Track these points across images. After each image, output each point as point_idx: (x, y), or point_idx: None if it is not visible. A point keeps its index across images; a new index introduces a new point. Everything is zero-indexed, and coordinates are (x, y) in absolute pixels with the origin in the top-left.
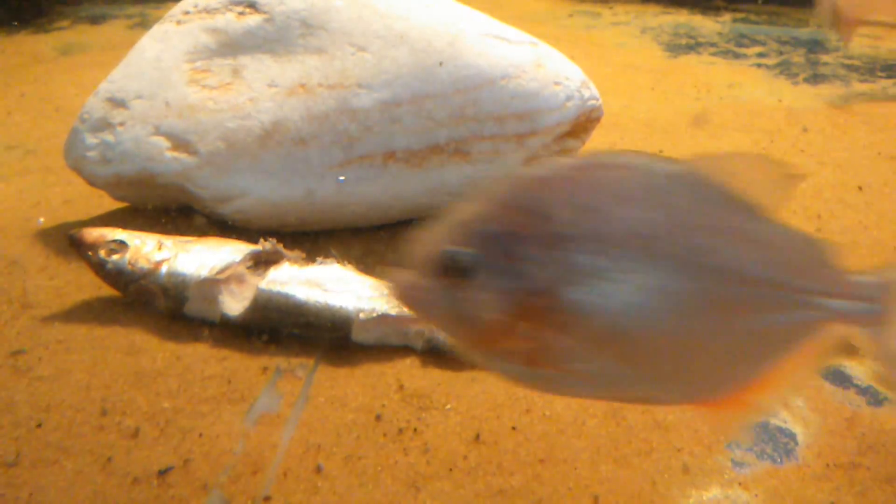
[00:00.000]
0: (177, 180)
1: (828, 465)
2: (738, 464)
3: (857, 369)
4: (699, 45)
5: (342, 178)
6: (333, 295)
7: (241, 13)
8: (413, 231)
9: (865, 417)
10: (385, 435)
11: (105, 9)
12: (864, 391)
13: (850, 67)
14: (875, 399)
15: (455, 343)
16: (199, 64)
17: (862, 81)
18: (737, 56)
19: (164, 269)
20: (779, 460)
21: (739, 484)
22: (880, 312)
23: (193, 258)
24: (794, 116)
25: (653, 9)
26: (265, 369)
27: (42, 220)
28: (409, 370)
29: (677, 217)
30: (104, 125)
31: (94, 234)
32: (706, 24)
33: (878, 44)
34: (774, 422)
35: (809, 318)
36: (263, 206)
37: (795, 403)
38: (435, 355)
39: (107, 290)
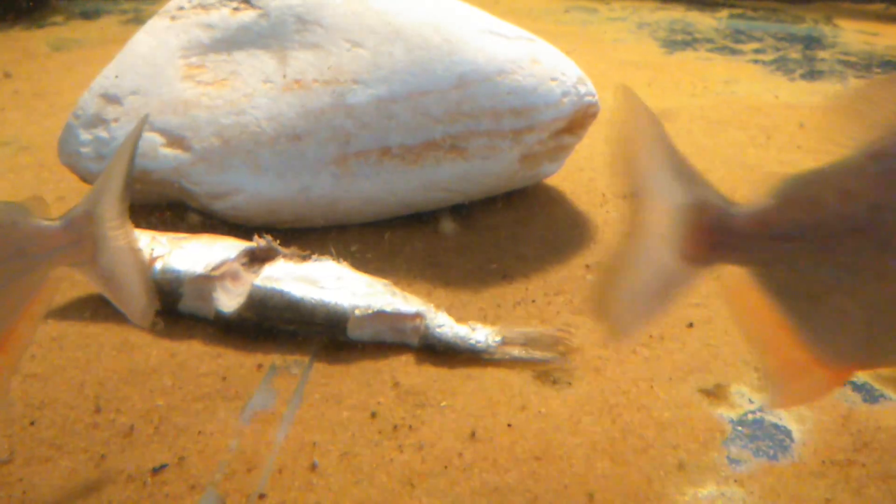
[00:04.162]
0: (171, 176)
1: (823, 462)
2: (734, 461)
3: None
4: (696, 41)
5: None
6: (329, 292)
7: (235, 8)
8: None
9: (861, 414)
10: (380, 432)
11: (99, 4)
12: (859, 388)
13: (846, 63)
14: (871, 396)
15: None
16: (193, 59)
17: (859, 77)
18: (733, 52)
19: (158, 265)
20: (775, 457)
21: (735, 481)
22: (81, 248)
23: (188, 255)
24: (791, 112)
25: (649, 4)
26: (260, 366)
27: None
28: (404, 367)
29: None
30: (98, 121)
31: None
32: (703, 20)
33: (875, 40)
34: (770, 418)
35: (26, 272)
36: (258, 203)
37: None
38: (430, 352)
39: None
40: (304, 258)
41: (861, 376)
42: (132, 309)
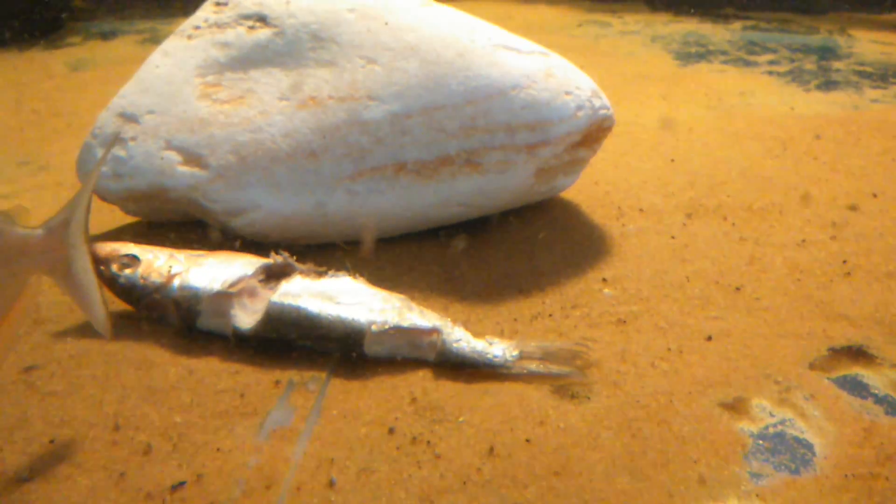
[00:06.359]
0: (188, 194)
1: (846, 476)
2: (755, 475)
3: (875, 378)
4: (710, 53)
5: None
6: (345, 307)
7: (251, 27)
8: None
9: (883, 427)
10: (398, 448)
11: (116, 24)
12: (881, 400)
13: (862, 74)
14: (893, 409)
15: None
16: (209, 78)
17: (874, 88)
18: (748, 64)
19: (176, 283)
20: (797, 471)
21: (757, 495)
22: (58, 255)
23: (205, 272)
24: (807, 124)
25: (662, 17)
26: (278, 383)
27: None
28: (421, 382)
29: None
30: (116, 140)
31: (106, 248)
32: (716, 32)
33: (890, 50)
34: (792, 432)
35: (9, 277)
36: (275, 219)
37: (812, 413)
38: (448, 367)
39: (119, 305)
40: (321, 274)
41: (882, 389)
42: (97, 318)
